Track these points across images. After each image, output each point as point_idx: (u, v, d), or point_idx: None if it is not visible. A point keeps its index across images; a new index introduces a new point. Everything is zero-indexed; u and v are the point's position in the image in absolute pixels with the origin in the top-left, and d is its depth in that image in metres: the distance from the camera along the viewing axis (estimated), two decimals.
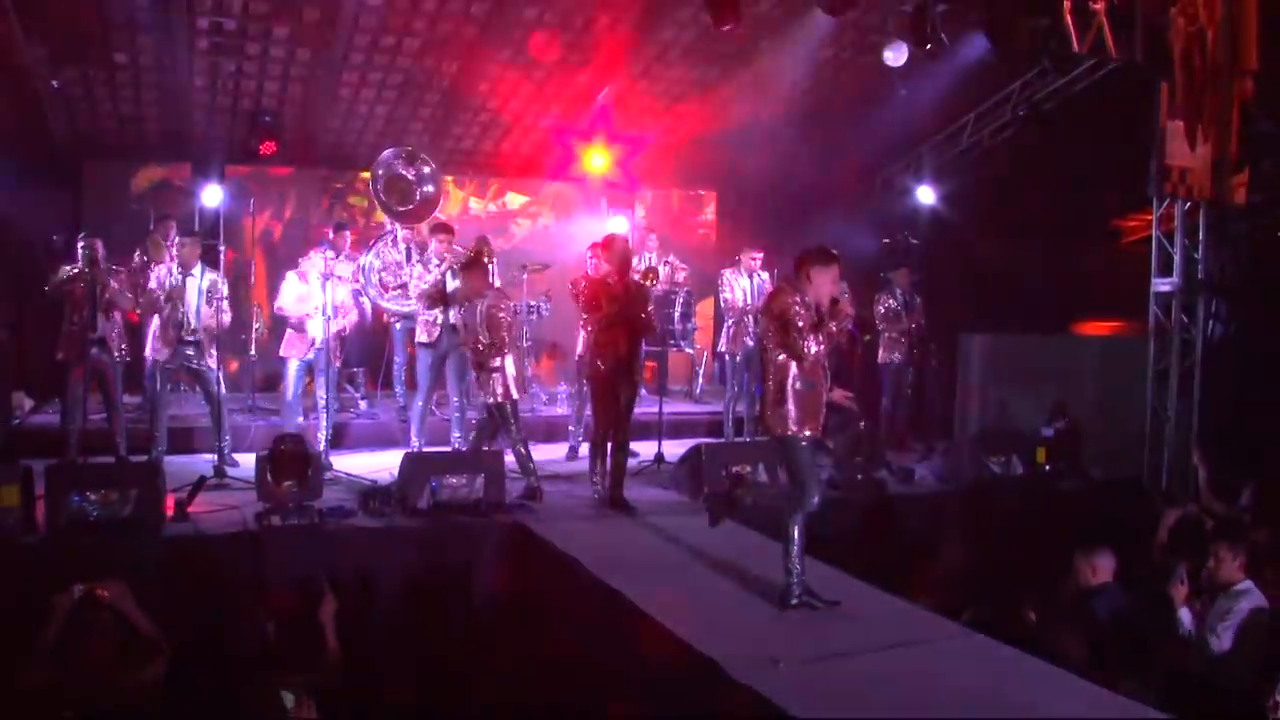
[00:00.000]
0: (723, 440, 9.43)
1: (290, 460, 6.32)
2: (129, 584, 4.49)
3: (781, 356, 5.07)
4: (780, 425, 5.10)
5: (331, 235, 9.51)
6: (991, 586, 5.93)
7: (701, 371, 11.93)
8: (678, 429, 9.86)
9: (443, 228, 9.00)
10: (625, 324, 7.16)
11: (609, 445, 7.27)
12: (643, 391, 8.86)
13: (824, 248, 5.21)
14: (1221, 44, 8.15)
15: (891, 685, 4.13)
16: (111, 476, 6.16)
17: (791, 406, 5.07)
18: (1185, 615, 5.26)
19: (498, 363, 7.22)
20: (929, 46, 8.25)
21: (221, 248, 8.65)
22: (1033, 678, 4.25)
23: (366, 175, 10.22)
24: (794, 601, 4.99)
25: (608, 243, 7.72)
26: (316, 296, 8.28)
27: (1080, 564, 5.58)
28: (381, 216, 10.04)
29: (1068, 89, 9.98)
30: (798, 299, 5.05)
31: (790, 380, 5.07)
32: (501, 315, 7.32)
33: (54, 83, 9.49)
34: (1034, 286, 12.24)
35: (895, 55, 8.52)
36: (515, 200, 12.81)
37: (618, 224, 12.33)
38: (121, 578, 4.43)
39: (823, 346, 5.05)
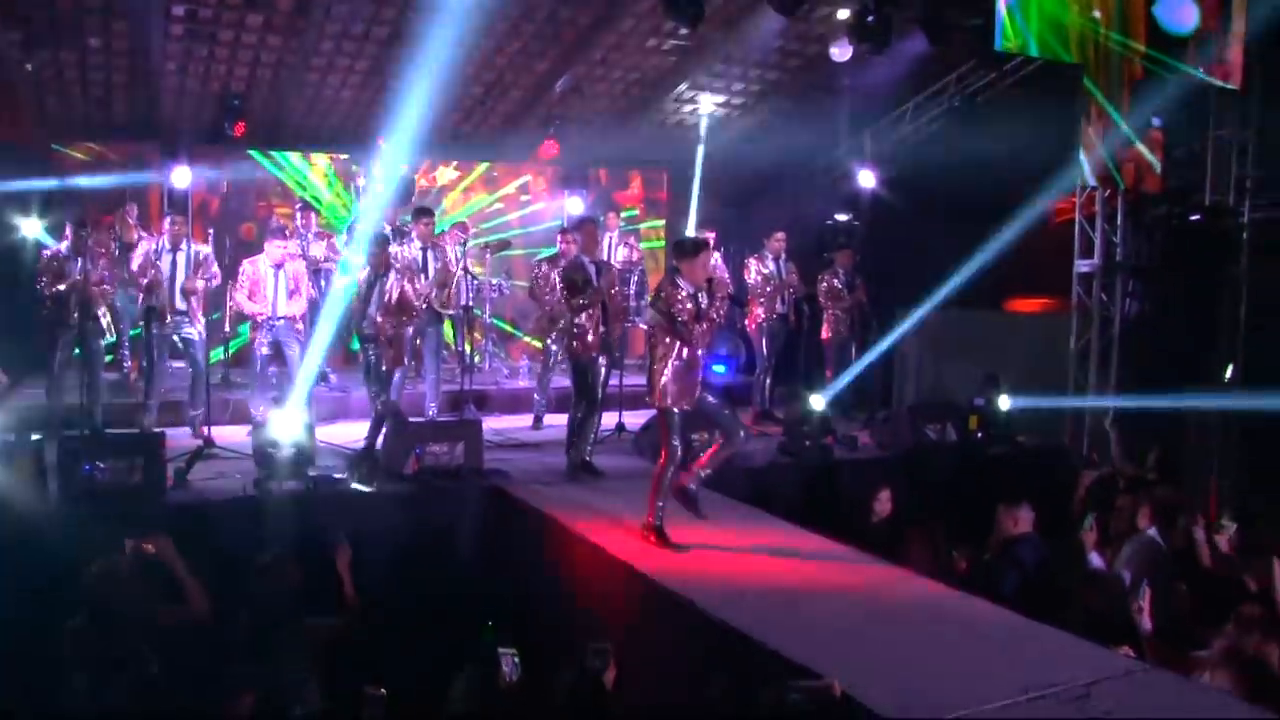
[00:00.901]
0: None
1: (286, 429, 6.75)
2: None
3: (667, 340, 5.81)
4: (662, 399, 5.90)
5: (299, 217, 9.97)
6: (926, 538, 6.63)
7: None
8: (635, 400, 10.42)
9: (424, 210, 9.43)
10: (601, 304, 7.68)
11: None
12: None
13: (684, 241, 6.25)
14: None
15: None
16: (120, 447, 6.56)
17: (670, 384, 5.83)
18: (1095, 558, 5.98)
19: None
20: (873, 44, 8.84)
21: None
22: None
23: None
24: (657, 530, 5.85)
25: (579, 226, 8.20)
26: (268, 284, 8.73)
27: (1003, 516, 6.29)
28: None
29: (999, 81, 10.67)
30: (680, 293, 5.80)
31: (671, 362, 5.82)
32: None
33: (28, 66, 9.74)
34: (967, 264, 12.99)
35: (841, 51, 9.11)
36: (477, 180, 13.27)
37: (574, 204, 12.93)
38: (165, 533, 4.88)
39: (707, 326, 5.83)
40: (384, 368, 7.76)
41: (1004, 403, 9.71)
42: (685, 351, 5.80)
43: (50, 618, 4.65)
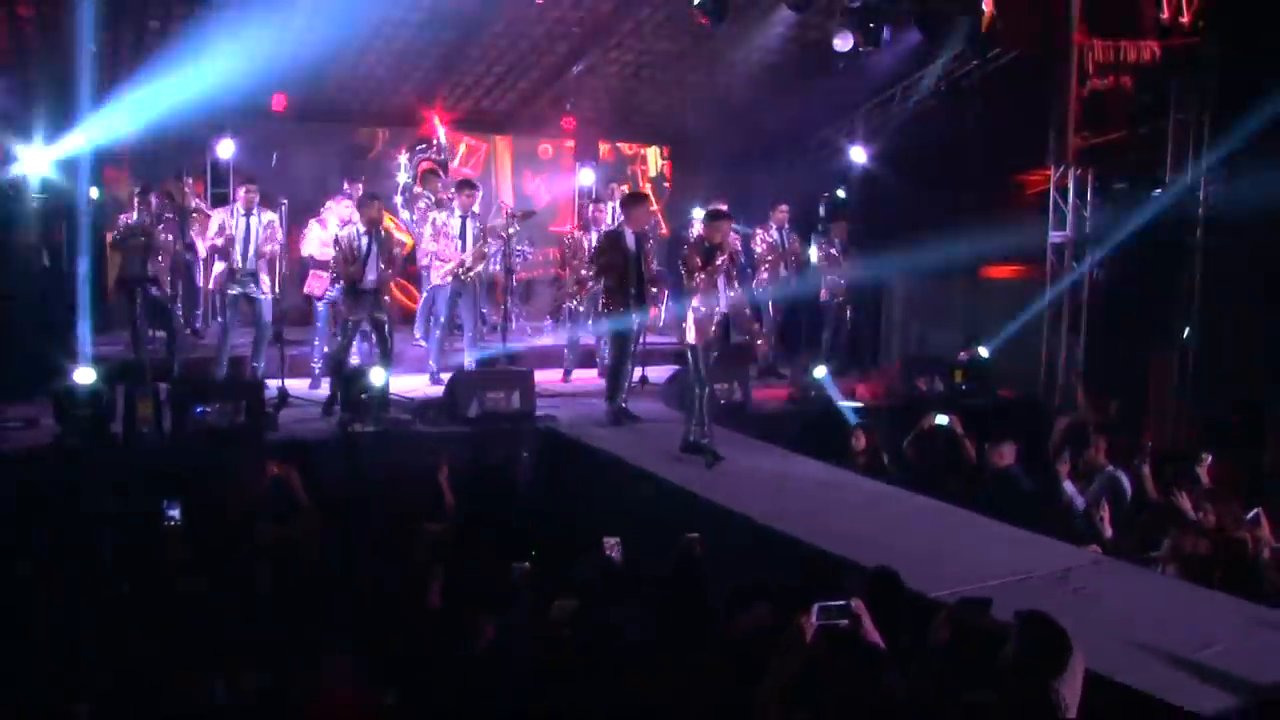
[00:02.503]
0: None
1: (371, 379, 7.73)
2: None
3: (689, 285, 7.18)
4: (682, 337, 7.35)
5: (346, 187, 10.83)
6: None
7: (663, 307, 13.50)
8: (648, 356, 11.43)
9: (467, 183, 10.32)
10: (635, 269, 8.65)
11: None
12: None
13: (712, 211, 7.81)
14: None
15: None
16: (226, 391, 7.52)
17: (690, 325, 7.13)
18: (1069, 486, 7.10)
19: None
20: (872, 36, 9.84)
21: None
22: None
23: None
24: (688, 445, 7.17)
25: (630, 201, 9.03)
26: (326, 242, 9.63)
27: (990, 451, 7.40)
28: None
29: (982, 67, 11.68)
30: (696, 248, 7.27)
31: (691, 306, 7.14)
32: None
33: (91, 47, 10.50)
34: (950, 235, 14.10)
35: (843, 42, 10.08)
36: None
37: (585, 175, 13.90)
38: (297, 461, 5.86)
39: (705, 275, 7.10)
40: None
41: (984, 352, 10.92)
42: (699, 300, 6.91)
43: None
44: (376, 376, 7.82)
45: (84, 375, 7.11)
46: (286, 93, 11.78)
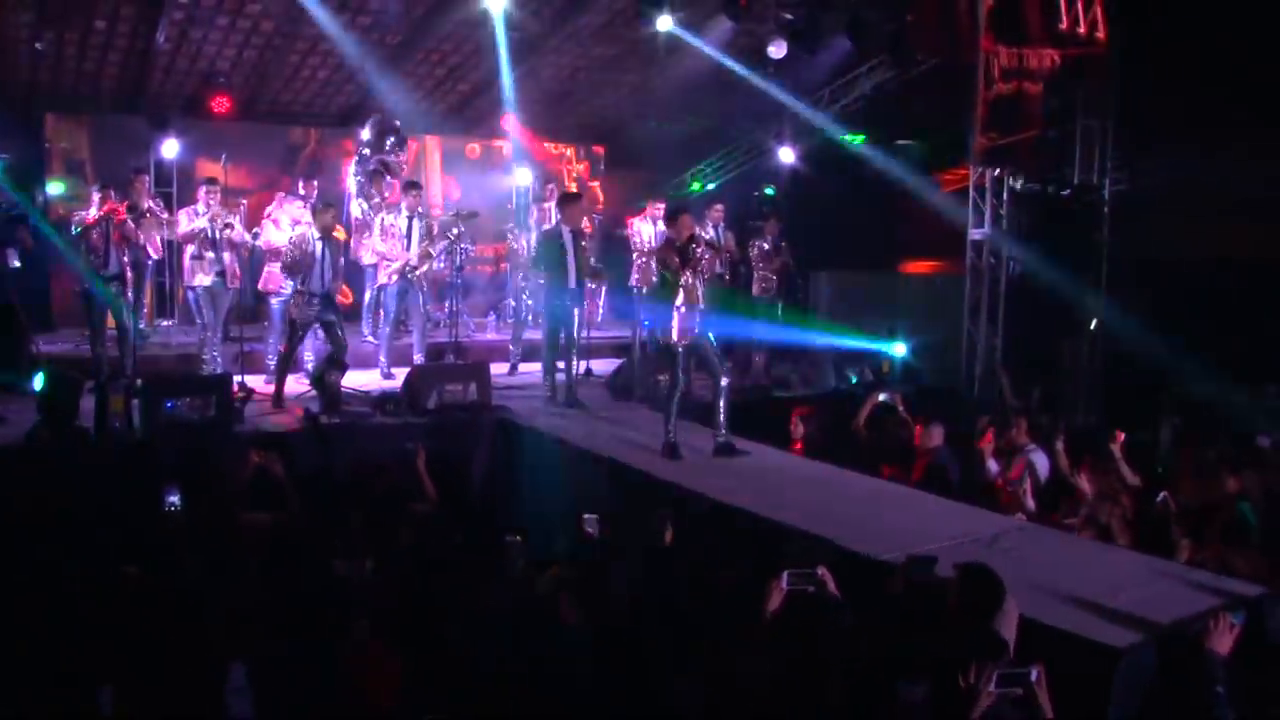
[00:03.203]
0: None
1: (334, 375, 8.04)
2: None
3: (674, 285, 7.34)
4: (666, 336, 7.43)
5: (301, 188, 11.03)
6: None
7: (602, 304, 13.94)
8: (590, 351, 11.87)
9: (414, 184, 10.63)
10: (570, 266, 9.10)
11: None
12: None
13: (671, 208, 7.96)
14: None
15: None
16: (196, 386, 7.75)
17: (675, 324, 7.35)
18: (992, 464, 7.73)
19: None
20: (805, 45, 10.41)
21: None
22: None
23: None
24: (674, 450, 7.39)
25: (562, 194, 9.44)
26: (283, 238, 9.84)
27: (919, 434, 8.00)
28: None
29: (904, 73, 12.35)
30: (669, 248, 7.42)
31: (676, 309, 7.33)
32: None
33: (38, 45, 10.59)
34: (871, 232, 14.83)
35: (777, 50, 10.62)
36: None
37: (522, 175, 14.24)
38: (277, 450, 6.17)
39: (689, 273, 7.28)
40: None
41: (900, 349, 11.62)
42: (683, 299, 7.24)
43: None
44: (336, 371, 8.12)
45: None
46: (230, 93, 11.93)
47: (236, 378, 8.96)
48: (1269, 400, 10.52)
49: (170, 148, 11.95)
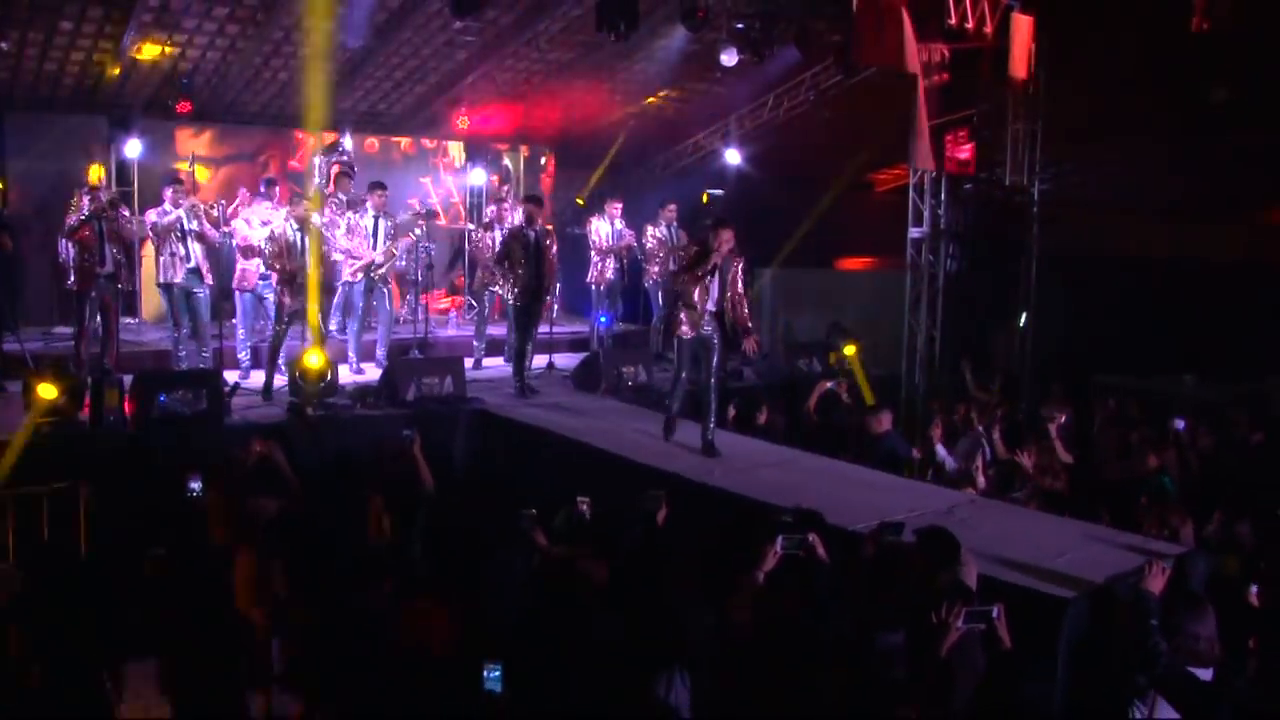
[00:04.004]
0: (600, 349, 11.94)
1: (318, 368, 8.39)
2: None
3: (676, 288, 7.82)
4: (675, 329, 7.85)
5: (264, 189, 11.30)
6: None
7: (556, 302, 14.39)
8: (550, 345, 12.32)
9: (379, 184, 10.97)
10: (532, 264, 9.62)
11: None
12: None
13: (716, 218, 8.20)
14: None
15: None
16: (187, 381, 8.05)
17: (683, 319, 7.77)
18: (940, 450, 8.38)
19: None
20: (755, 53, 10.99)
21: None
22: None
23: None
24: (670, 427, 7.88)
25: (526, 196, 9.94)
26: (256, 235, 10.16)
27: (869, 419, 8.62)
28: None
29: (846, 80, 12.98)
30: (681, 252, 7.87)
31: (679, 304, 7.81)
32: None
33: (3, 45, 10.69)
34: (810, 229, 15.52)
35: (729, 58, 11.17)
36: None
37: (476, 175, 14.64)
38: (277, 439, 6.53)
39: (689, 276, 7.70)
40: None
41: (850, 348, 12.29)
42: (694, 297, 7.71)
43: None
44: (319, 362, 8.47)
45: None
46: (191, 95, 12.12)
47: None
48: (1185, 389, 11.42)
49: (133, 148, 12.11)
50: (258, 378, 9.52)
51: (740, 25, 10.92)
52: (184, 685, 4.55)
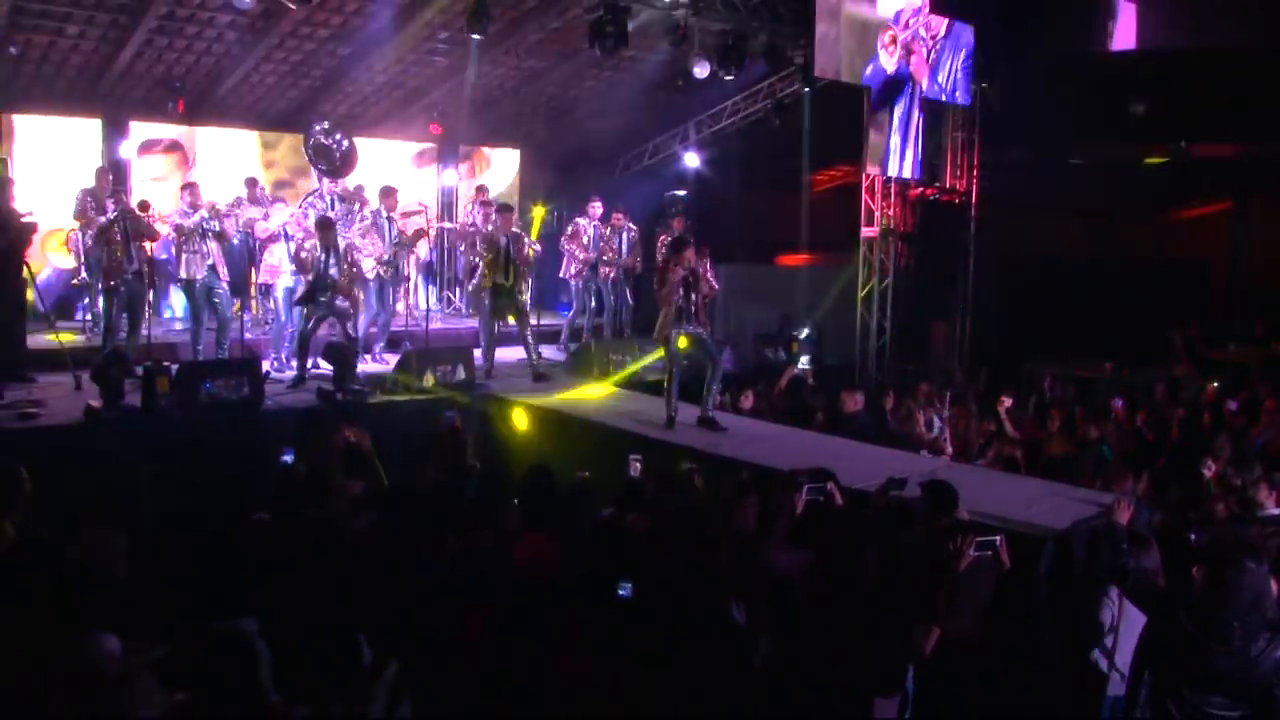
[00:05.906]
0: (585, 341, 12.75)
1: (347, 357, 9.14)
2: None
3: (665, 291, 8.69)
4: (663, 330, 8.73)
5: (248, 188, 11.95)
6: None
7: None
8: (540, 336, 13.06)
9: (390, 189, 11.71)
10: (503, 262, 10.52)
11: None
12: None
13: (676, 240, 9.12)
14: None
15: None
16: (229, 369, 8.74)
17: (669, 323, 8.67)
18: (936, 420, 9.47)
19: None
20: (726, 64, 11.99)
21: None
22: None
23: None
24: (671, 422, 8.67)
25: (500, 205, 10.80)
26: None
27: (844, 397, 9.67)
28: None
29: (803, 90, 14.05)
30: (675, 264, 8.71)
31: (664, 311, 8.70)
32: None
33: (11, 49, 11.12)
34: (758, 227, 16.64)
35: (701, 70, 12.13)
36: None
37: (448, 176, 15.39)
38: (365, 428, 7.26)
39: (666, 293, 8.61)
40: None
41: (805, 331, 13.42)
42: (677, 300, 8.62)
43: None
44: (350, 353, 9.23)
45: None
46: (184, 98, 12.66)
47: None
48: (1108, 375, 12.77)
49: (129, 148, 12.60)
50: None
51: (714, 40, 11.90)
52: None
